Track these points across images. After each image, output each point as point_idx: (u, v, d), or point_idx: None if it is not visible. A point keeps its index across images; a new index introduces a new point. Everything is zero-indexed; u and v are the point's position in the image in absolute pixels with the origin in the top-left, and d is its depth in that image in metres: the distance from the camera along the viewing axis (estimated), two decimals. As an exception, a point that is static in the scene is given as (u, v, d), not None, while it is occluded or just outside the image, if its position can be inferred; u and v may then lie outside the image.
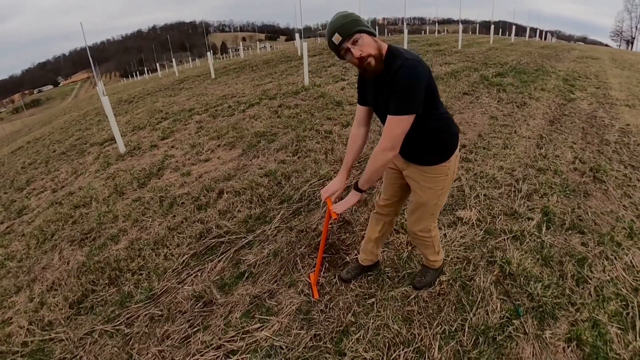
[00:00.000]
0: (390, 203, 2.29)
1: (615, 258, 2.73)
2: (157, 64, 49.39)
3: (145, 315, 2.58)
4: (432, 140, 1.88)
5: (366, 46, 1.64)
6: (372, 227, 2.43)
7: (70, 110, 23.75)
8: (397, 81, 1.62)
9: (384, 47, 1.71)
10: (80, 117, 13.94)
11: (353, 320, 2.30)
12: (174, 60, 32.63)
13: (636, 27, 59.89)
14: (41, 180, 6.28)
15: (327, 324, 2.29)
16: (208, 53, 18.01)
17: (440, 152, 1.92)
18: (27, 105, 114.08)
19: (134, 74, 76.75)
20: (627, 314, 2.26)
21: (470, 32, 40.45)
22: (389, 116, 1.67)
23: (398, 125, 1.66)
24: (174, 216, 3.78)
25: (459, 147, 2.00)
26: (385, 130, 1.70)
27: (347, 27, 1.62)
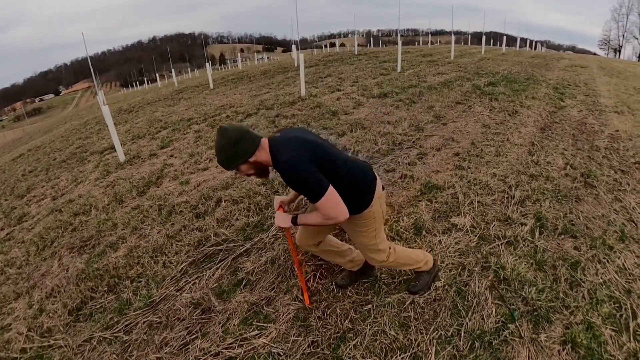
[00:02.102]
0: (305, 240, 2.35)
1: (607, 261, 2.73)
2: (157, 75, 49.36)
3: (144, 322, 2.56)
4: (349, 196, 1.94)
5: (244, 171, 1.90)
6: (325, 255, 2.50)
7: (71, 119, 23.72)
8: (289, 181, 1.84)
9: (266, 152, 1.86)
10: (80, 125, 13.90)
11: (350, 326, 2.28)
12: (173, 70, 32.69)
13: (623, 35, 60.66)
14: (41, 188, 6.24)
15: (324, 330, 2.27)
16: (207, 64, 18.07)
17: (360, 202, 2.01)
18: (29, 114, 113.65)
19: (134, 83, 76.78)
20: (621, 315, 2.26)
21: (462, 43, 40.79)
22: (315, 204, 1.81)
23: (328, 204, 1.79)
24: (173, 224, 3.76)
25: (379, 187, 2.08)
26: (323, 213, 1.82)
27: (224, 164, 1.85)
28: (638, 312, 2.27)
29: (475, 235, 3.05)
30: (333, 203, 1.80)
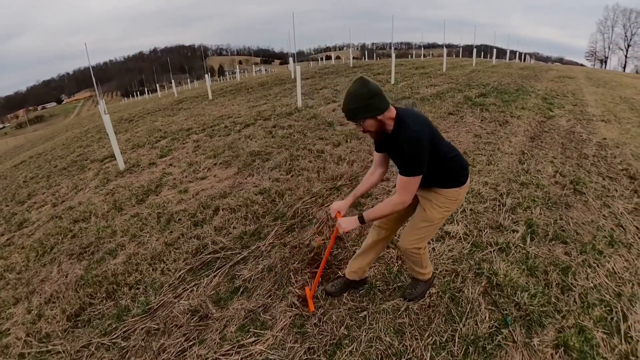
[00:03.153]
0: (394, 220, 2.32)
1: (597, 265, 2.74)
2: (157, 85, 49.51)
3: (142, 328, 2.52)
4: (446, 175, 2.06)
5: (367, 126, 1.90)
6: (367, 240, 2.44)
7: (73, 127, 23.65)
8: (402, 150, 1.87)
9: (391, 117, 1.90)
10: (81, 134, 13.85)
11: (346, 333, 2.26)
12: (173, 81, 32.77)
13: (609, 47, 61.57)
14: (42, 195, 6.19)
15: (320, 337, 2.25)
16: (206, 75, 18.13)
17: (453, 180, 2.07)
18: (31, 121, 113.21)
19: (134, 93, 76.70)
20: (612, 318, 2.26)
21: (454, 56, 41.21)
22: (399, 176, 1.91)
23: (408, 184, 1.89)
24: (171, 232, 3.73)
25: (470, 179, 2.15)
26: (398, 188, 1.93)
27: (350, 114, 1.87)
28: (628, 315, 2.27)
29: (468, 243, 3.05)
30: (413, 186, 1.90)
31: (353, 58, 24.99)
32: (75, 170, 7.23)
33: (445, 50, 17.38)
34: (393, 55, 13.66)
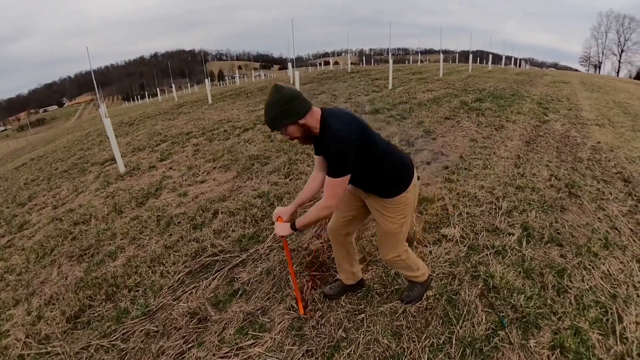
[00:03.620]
0: (338, 226, 2.29)
1: (593, 268, 2.74)
2: (158, 89, 49.54)
3: (141, 331, 2.51)
4: (387, 178, 1.96)
5: (291, 133, 1.82)
6: (335, 249, 2.44)
7: (74, 130, 23.58)
8: (328, 150, 1.79)
9: (316, 119, 1.81)
10: (82, 137, 13.83)
11: (344, 335, 2.25)
12: (173, 85, 32.77)
13: (602, 52, 62.06)
14: (43, 197, 6.17)
15: (318, 339, 2.24)
16: (206, 80, 18.16)
17: (397, 185, 1.98)
18: (32, 124, 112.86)
19: (135, 97, 76.68)
20: (607, 320, 2.26)
21: (450, 61, 41.41)
22: (327, 178, 1.81)
23: (337, 186, 1.80)
24: (171, 235, 3.72)
25: (416, 176, 2.06)
26: (325, 190, 1.83)
27: (271, 124, 1.79)
28: (624, 316, 2.27)
29: (465, 246, 3.04)
30: (342, 188, 1.81)
31: (351, 63, 25.07)
32: (76, 173, 7.22)
33: (441, 56, 17.48)
34: (390, 60, 13.71)
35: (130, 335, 2.49)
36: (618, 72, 58.63)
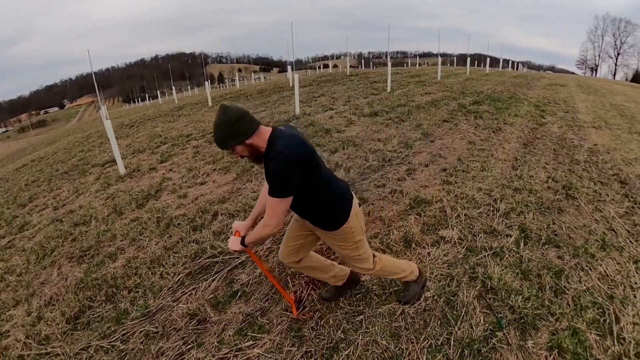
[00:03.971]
0: (286, 256, 2.28)
1: (590, 269, 2.74)
2: (158, 92, 49.43)
3: (141, 332, 2.50)
4: (327, 210, 1.97)
5: (239, 152, 1.83)
6: (299, 271, 2.47)
7: (74, 131, 23.58)
8: (269, 170, 1.78)
9: (263, 139, 1.81)
10: (83, 138, 13.80)
11: (343, 336, 2.24)
12: (173, 88, 32.78)
13: (599, 55, 62.34)
14: (43, 198, 6.16)
15: (317, 341, 2.23)
16: (206, 82, 18.17)
17: (336, 218, 1.99)
18: (34, 125, 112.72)
19: (135, 99, 76.69)
20: (604, 320, 2.26)
21: (448, 64, 41.49)
22: (269, 197, 1.79)
23: (277, 206, 1.78)
24: (170, 236, 3.71)
25: (356, 203, 2.06)
26: (267, 210, 1.81)
27: (220, 142, 1.79)
28: (621, 317, 2.27)
29: (463, 247, 3.04)
30: (281, 208, 1.78)
31: (350, 67, 25.10)
32: (77, 174, 7.20)
33: (440, 59, 17.52)
34: (389, 64, 13.72)
35: (130, 336, 2.49)
36: (614, 75, 58.92)
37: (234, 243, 2.05)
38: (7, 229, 5.06)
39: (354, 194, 2.09)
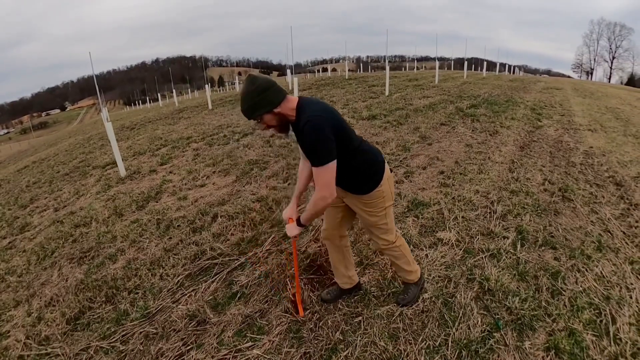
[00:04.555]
0: (332, 229, 2.30)
1: (586, 270, 2.74)
2: (159, 94, 49.43)
3: (141, 333, 2.49)
4: (359, 174, 1.97)
5: (267, 122, 1.83)
6: (331, 253, 2.44)
7: (76, 134, 23.55)
8: (304, 138, 1.77)
9: (291, 108, 1.81)
10: (84, 140, 13.79)
11: (341, 338, 2.24)
12: (174, 91, 32.71)
13: (594, 59, 62.66)
14: (44, 199, 6.14)
15: (316, 342, 2.22)
16: (206, 85, 18.18)
17: (370, 181, 1.99)
18: (35, 127, 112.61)
19: (136, 102, 76.64)
20: (601, 321, 2.26)
21: (445, 68, 41.58)
22: (313, 168, 1.78)
23: (324, 175, 1.76)
24: (170, 238, 3.70)
25: (387, 169, 2.07)
26: (316, 181, 1.80)
27: (248, 112, 1.79)
28: (617, 317, 2.27)
29: (460, 249, 3.04)
30: (329, 175, 1.76)
31: (349, 70, 25.14)
32: (77, 176, 7.19)
33: (437, 63, 17.55)
34: (387, 67, 13.73)
35: (129, 337, 2.47)
36: (609, 79, 59.14)
37: (291, 229, 2.07)
38: (8, 230, 5.04)
39: (385, 161, 2.09)
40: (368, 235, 2.24)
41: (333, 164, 1.76)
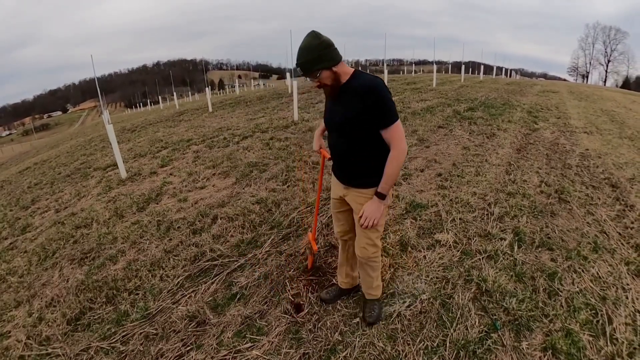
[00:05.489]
0: (343, 230, 2.31)
1: (582, 271, 2.74)
2: (160, 97, 49.53)
3: (141, 333, 2.48)
4: (373, 163, 1.91)
5: (324, 79, 1.82)
6: (340, 252, 2.45)
7: (77, 135, 23.53)
8: (371, 98, 1.74)
9: (347, 73, 1.85)
10: (85, 142, 13.78)
11: (340, 339, 2.23)
12: (175, 93, 32.82)
13: (590, 62, 62.95)
14: (45, 200, 6.12)
15: (315, 343, 2.22)
16: (206, 88, 18.19)
17: (377, 174, 1.90)
18: (37, 129, 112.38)
19: (137, 105, 76.70)
20: (597, 321, 2.26)
21: (443, 72, 41.67)
22: (387, 129, 1.77)
23: (399, 129, 1.79)
24: (170, 239, 3.69)
25: None
26: (392, 139, 1.79)
27: (306, 66, 1.78)
28: (613, 318, 2.27)
29: (458, 250, 3.04)
30: (402, 129, 1.80)
31: (347, 73, 25.11)
32: (79, 177, 7.18)
33: (435, 66, 17.61)
34: (385, 71, 13.77)
35: (129, 337, 2.46)
36: (605, 82, 59.41)
37: (375, 211, 1.91)
38: (9, 231, 5.03)
39: None
40: (359, 242, 2.12)
41: (400, 124, 1.80)
